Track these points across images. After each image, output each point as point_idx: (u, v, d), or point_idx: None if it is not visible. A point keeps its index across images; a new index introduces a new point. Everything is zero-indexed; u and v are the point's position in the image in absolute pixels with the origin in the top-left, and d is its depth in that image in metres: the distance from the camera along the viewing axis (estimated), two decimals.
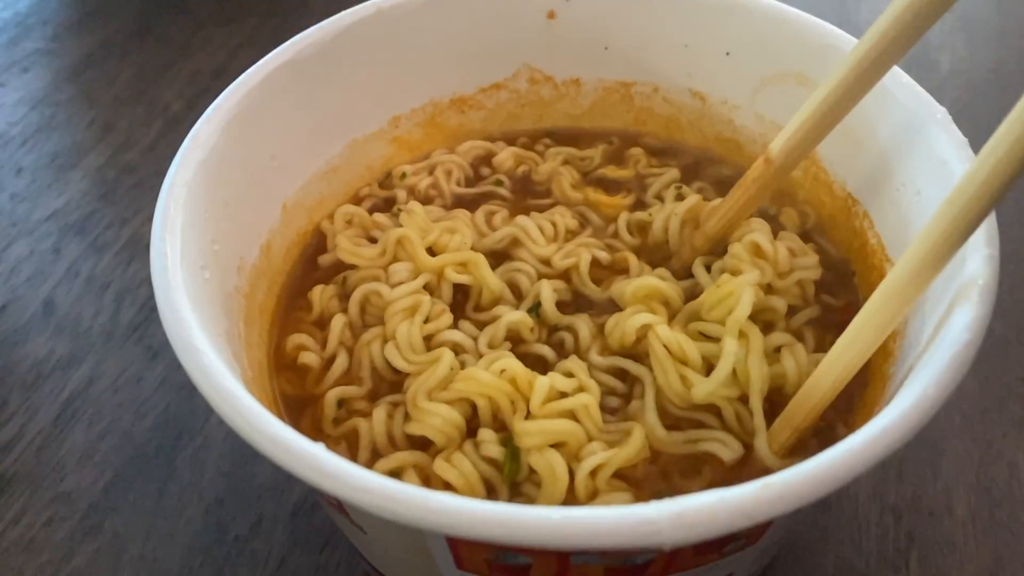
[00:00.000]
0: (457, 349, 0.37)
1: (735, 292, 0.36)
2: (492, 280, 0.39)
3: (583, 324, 0.38)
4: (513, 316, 0.38)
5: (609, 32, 0.47)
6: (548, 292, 0.39)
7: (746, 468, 0.34)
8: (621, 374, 0.37)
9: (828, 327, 0.38)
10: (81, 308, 0.54)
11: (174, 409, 0.49)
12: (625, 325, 0.37)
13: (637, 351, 0.37)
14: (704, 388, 0.34)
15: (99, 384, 0.50)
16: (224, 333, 0.33)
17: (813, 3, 0.47)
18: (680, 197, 0.43)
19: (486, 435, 0.33)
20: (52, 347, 0.52)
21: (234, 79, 0.38)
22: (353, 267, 0.41)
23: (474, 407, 0.35)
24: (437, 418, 0.34)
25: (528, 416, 0.34)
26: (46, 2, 0.81)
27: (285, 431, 0.26)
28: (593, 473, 0.32)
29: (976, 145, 0.31)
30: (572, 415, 0.34)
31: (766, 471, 0.31)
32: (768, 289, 0.38)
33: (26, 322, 0.54)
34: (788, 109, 0.43)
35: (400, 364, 0.36)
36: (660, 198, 0.45)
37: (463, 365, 0.36)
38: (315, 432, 0.36)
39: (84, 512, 0.44)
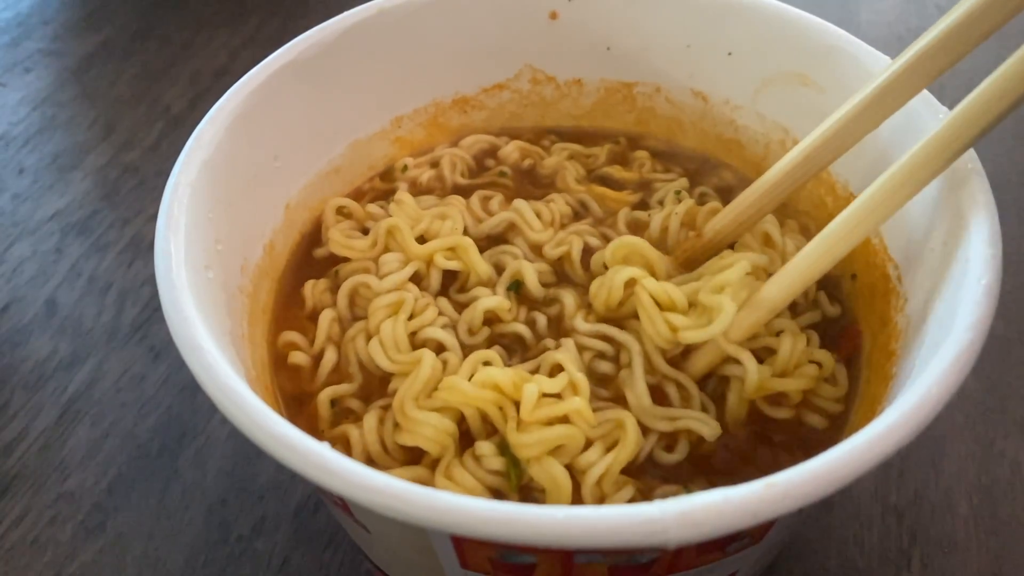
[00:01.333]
0: (440, 347, 0.37)
1: (734, 262, 0.36)
2: (481, 265, 0.39)
3: (568, 294, 0.39)
4: (489, 302, 0.38)
5: (611, 32, 0.47)
6: (530, 268, 0.39)
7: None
8: (608, 338, 0.37)
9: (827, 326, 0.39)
10: (83, 308, 0.54)
11: (177, 409, 0.49)
12: (612, 282, 0.37)
13: (622, 314, 0.37)
14: (696, 336, 0.35)
15: (101, 384, 0.50)
16: (228, 332, 0.33)
17: (814, 3, 0.47)
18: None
19: (484, 448, 0.33)
20: (54, 347, 0.52)
21: (236, 79, 0.39)
22: (347, 260, 0.41)
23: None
24: (428, 428, 0.33)
25: (520, 424, 0.33)
26: (48, 2, 0.81)
27: (290, 430, 0.26)
28: (598, 480, 0.32)
29: (977, 145, 0.32)
30: (565, 418, 0.33)
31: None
32: None
33: (28, 322, 0.54)
34: (790, 109, 0.43)
35: (384, 363, 0.36)
36: (663, 204, 0.45)
37: (446, 363, 0.36)
38: (311, 433, 0.36)
39: (87, 512, 0.44)
